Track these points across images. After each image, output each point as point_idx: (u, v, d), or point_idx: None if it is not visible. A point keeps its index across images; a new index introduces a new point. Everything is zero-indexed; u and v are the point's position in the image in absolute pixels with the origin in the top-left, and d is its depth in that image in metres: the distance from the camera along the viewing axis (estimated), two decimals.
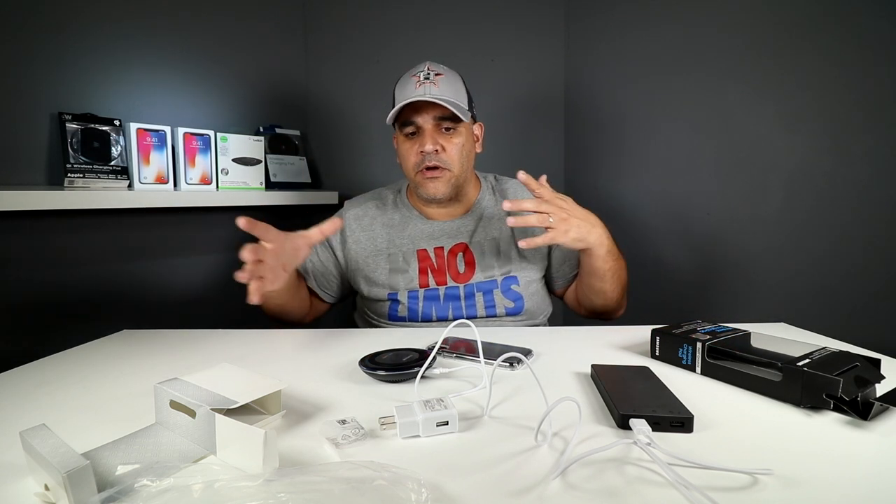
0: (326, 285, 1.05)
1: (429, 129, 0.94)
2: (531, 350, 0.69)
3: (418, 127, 0.95)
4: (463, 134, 0.96)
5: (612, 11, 1.42)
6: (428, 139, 0.93)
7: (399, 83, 0.97)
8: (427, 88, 0.92)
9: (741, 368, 0.57)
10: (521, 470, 0.40)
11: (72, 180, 1.02)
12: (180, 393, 0.45)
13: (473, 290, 0.97)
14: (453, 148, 0.95)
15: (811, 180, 1.00)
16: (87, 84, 1.10)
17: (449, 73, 0.97)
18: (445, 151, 0.94)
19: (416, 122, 0.94)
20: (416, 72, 0.95)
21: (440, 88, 0.93)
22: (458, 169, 0.96)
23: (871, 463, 0.41)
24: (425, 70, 0.95)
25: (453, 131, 0.95)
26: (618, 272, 0.91)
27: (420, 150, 0.94)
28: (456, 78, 0.98)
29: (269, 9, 1.46)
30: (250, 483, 0.33)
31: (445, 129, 0.95)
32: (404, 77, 0.97)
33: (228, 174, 1.26)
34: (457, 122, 0.95)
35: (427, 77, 0.93)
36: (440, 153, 0.94)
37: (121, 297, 1.16)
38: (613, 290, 0.93)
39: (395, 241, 1.01)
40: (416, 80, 0.94)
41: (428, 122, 0.94)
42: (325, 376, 0.62)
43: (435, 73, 0.95)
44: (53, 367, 0.67)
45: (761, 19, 1.06)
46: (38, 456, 0.36)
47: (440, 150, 0.94)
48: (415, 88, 0.93)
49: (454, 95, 0.94)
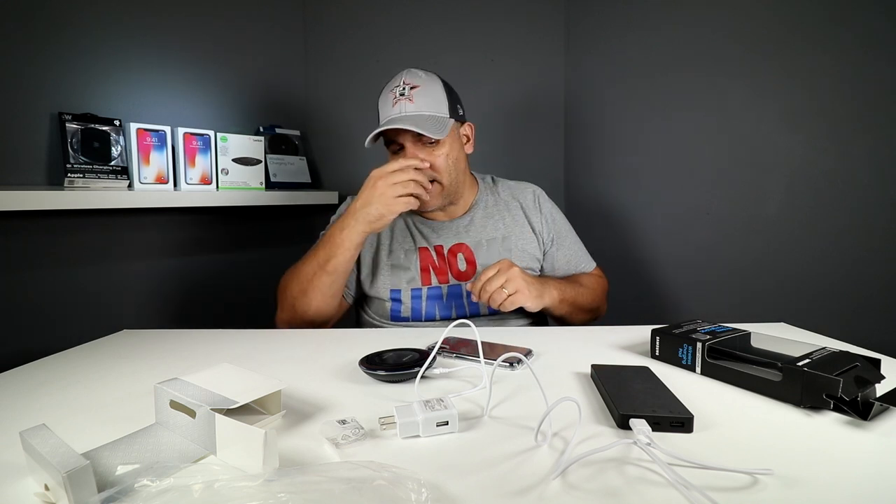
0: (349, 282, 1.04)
1: (410, 147, 0.93)
2: (531, 350, 0.69)
3: (401, 145, 0.94)
4: (447, 144, 0.95)
5: (612, 11, 1.42)
6: (411, 157, 0.92)
7: (381, 97, 0.96)
8: (402, 106, 0.91)
9: (741, 368, 0.57)
10: (521, 470, 0.40)
11: (72, 180, 1.02)
12: (180, 393, 0.45)
13: None
14: (439, 161, 0.94)
15: (811, 180, 1.00)
16: (87, 84, 1.10)
17: (426, 82, 0.94)
18: (432, 166, 0.93)
19: (398, 141, 0.94)
20: (393, 86, 0.94)
21: (416, 104, 0.91)
22: (448, 179, 0.96)
23: (871, 463, 0.41)
24: (401, 85, 0.93)
25: (436, 143, 0.94)
26: (576, 308, 0.97)
27: None
28: (434, 85, 0.95)
29: (269, 9, 1.46)
30: (250, 483, 0.33)
31: (428, 142, 0.93)
32: (384, 91, 0.96)
33: (228, 174, 1.26)
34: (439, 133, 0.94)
35: (402, 93, 0.92)
36: (427, 169, 0.93)
37: (121, 297, 1.17)
38: (576, 318, 0.99)
39: (396, 238, 1.02)
40: (393, 96, 0.92)
41: (408, 141, 0.93)
42: (325, 376, 0.62)
43: (410, 86, 0.92)
44: (53, 367, 0.67)
45: (761, 19, 1.06)
46: (38, 456, 0.36)
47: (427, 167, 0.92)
48: (392, 107, 0.92)
49: (431, 106, 0.92)
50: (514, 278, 0.84)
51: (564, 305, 0.94)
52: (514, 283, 0.84)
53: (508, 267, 0.85)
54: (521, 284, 0.85)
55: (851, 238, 0.95)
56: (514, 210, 1.05)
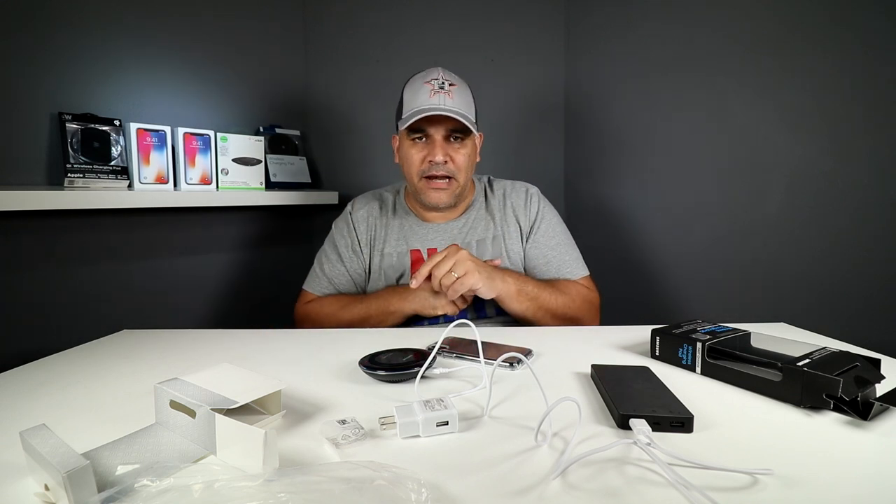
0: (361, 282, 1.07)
1: (439, 139, 0.95)
2: (531, 350, 0.69)
3: (428, 136, 0.96)
4: (469, 146, 0.98)
5: (612, 11, 1.42)
6: (439, 150, 0.94)
7: (409, 86, 0.97)
8: (442, 99, 0.93)
9: (741, 368, 0.57)
10: (521, 470, 0.40)
11: (72, 180, 1.02)
12: (180, 393, 0.45)
13: None
14: (462, 159, 0.97)
15: (811, 181, 1.00)
16: (87, 84, 1.10)
17: (461, 85, 0.98)
18: (454, 162, 0.96)
19: (428, 131, 0.95)
20: (430, 78, 0.95)
21: (454, 100, 0.93)
22: (464, 179, 0.99)
23: (871, 463, 0.41)
24: (440, 78, 0.95)
25: (461, 142, 0.97)
26: (541, 308, 0.92)
27: (429, 159, 0.95)
28: (467, 90, 0.99)
29: (269, 9, 1.46)
30: (250, 483, 0.33)
31: (454, 138, 0.96)
32: (415, 81, 0.97)
33: (228, 174, 1.26)
34: (467, 133, 0.96)
35: (442, 86, 0.94)
36: (448, 164, 0.96)
37: (121, 297, 1.17)
38: (545, 321, 0.94)
39: (390, 241, 1.03)
40: (431, 88, 0.94)
41: (440, 133, 0.95)
42: (325, 376, 0.62)
43: (449, 83, 0.96)
44: (53, 367, 0.67)
45: (761, 19, 1.06)
46: (38, 456, 0.36)
47: (449, 161, 0.95)
48: (429, 97, 0.93)
49: (466, 108, 0.95)
50: (463, 261, 0.84)
51: (524, 300, 0.91)
52: (462, 265, 0.84)
53: (456, 251, 0.85)
54: (470, 266, 0.84)
55: (851, 238, 0.95)
56: (506, 210, 1.05)
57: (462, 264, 0.84)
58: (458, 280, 0.83)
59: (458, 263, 0.84)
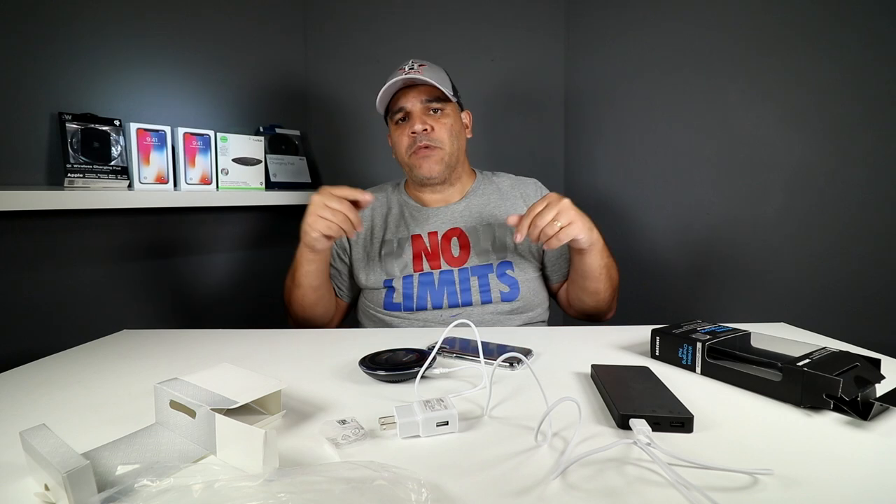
0: (340, 281, 1.08)
1: (417, 111, 0.98)
2: (531, 350, 0.69)
3: (407, 112, 0.99)
4: (451, 115, 1.01)
5: (612, 11, 1.42)
6: (417, 120, 0.97)
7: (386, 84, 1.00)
8: (412, 76, 0.96)
9: (741, 368, 0.57)
10: (521, 470, 0.40)
11: (72, 180, 1.02)
12: (180, 393, 0.45)
13: (468, 275, 0.97)
14: (442, 128, 0.99)
15: (811, 180, 1.00)
16: (87, 84, 1.10)
17: (432, 64, 1.01)
18: (435, 131, 0.98)
19: (405, 107, 0.99)
20: (400, 66, 1.00)
21: (424, 74, 0.97)
22: (449, 147, 1.00)
23: (871, 463, 0.41)
24: (409, 62, 1.00)
25: (441, 112, 1.00)
26: (610, 271, 0.94)
27: (411, 131, 0.98)
28: (439, 68, 1.02)
29: (270, 9, 1.46)
30: (250, 483, 0.33)
31: (433, 110, 0.99)
32: (390, 77, 1.00)
33: (228, 174, 1.26)
34: (444, 102, 0.99)
35: (412, 68, 0.98)
36: (430, 132, 0.98)
37: (121, 297, 1.17)
38: (606, 289, 0.94)
39: (390, 227, 1.05)
40: (402, 71, 0.98)
41: (416, 105, 0.98)
42: (325, 376, 0.62)
43: (419, 63, 0.99)
44: (53, 367, 0.67)
45: (761, 19, 1.06)
46: (38, 456, 0.36)
47: (430, 130, 0.98)
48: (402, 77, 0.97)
49: (439, 80, 0.97)
50: (567, 209, 0.79)
51: (605, 256, 0.90)
52: (566, 214, 0.79)
53: (559, 199, 0.80)
54: (574, 215, 0.80)
55: (851, 238, 0.95)
56: (514, 199, 1.06)
57: (566, 213, 0.79)
58: (561, 230, 0.78)
59: (562, 213, 0.79)
